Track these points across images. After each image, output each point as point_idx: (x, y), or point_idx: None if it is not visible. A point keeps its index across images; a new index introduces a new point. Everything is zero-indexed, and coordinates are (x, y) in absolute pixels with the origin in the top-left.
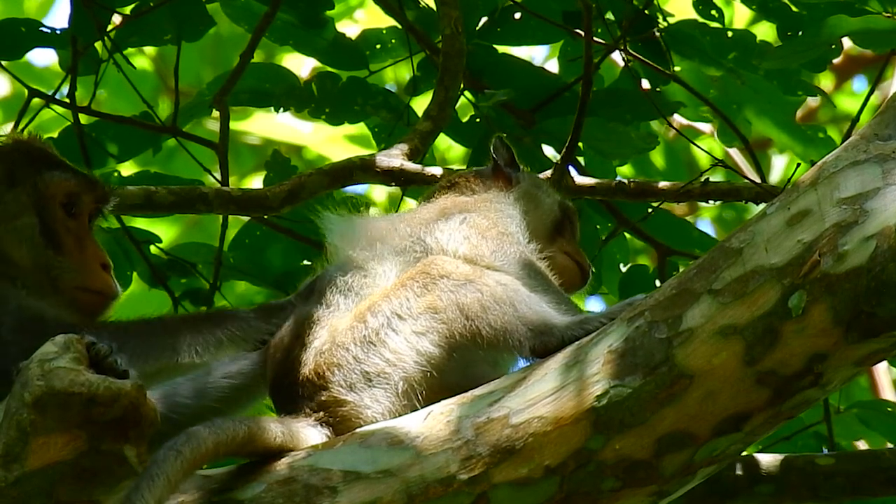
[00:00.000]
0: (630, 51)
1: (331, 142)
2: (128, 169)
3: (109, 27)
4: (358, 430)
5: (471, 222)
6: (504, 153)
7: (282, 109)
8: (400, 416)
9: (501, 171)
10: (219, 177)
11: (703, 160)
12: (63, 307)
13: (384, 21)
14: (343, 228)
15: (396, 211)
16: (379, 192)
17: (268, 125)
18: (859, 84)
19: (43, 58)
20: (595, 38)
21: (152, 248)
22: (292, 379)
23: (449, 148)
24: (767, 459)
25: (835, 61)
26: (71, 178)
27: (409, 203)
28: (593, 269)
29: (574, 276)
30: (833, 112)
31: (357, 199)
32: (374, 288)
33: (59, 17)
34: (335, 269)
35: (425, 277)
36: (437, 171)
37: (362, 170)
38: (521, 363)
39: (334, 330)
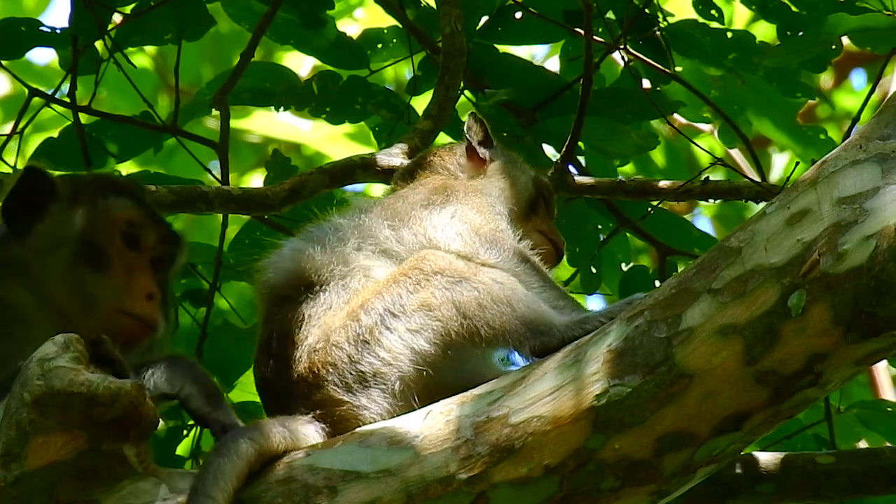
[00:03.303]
0: (630, 50)
1: (330, 140)
2: (128, 168)
3: (110, 26)
4: (357, 429)
5: (462, 217)
6: (478, 130)
7: (282, 108)
8: (397, 415)
9: (475, 151)
10: (219, 175)
11: (704, 158)
12: (97, 328)
13: (384, 20)
14: (327, 229)
15: None
16: (378, 191)
17: (267, 123)
18: (858, 79)
19: (43, 56)
20: (595, 38)
21: None
22: (286, 379)
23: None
24: (768, 458)
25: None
26: (134, 207)
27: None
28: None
29: (548, 254)
30: (832, 109)
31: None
32: (366, 285)
33: (56, 14)
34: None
35: (418, 273)
36: None
37: (363, 168)
38: (521, 362)
39: (328, 328)
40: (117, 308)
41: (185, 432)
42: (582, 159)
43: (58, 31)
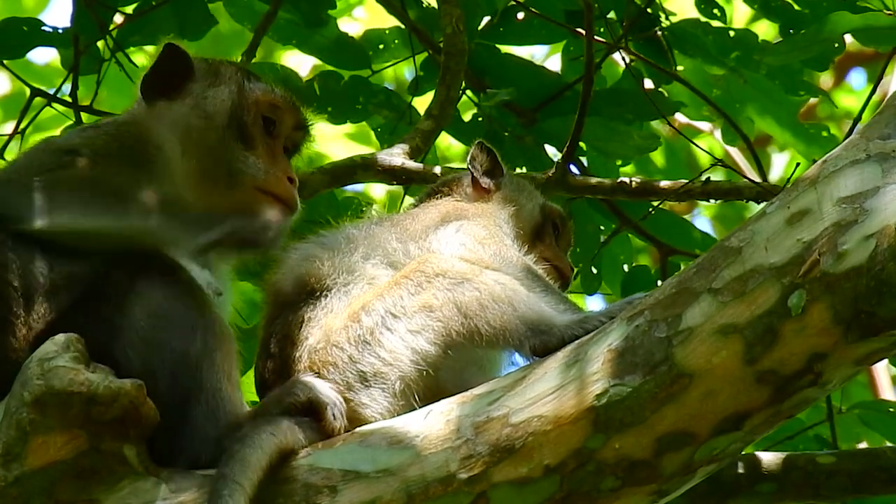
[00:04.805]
0: (632, 50)
1: (330, 139)
2: None
3: (111, 26)
4: (357, 429)
5: (467, 230)
6: (483, 160)
7: None
8: (398, 415)
9: (478, 182)
10: None
11: (704, 159)
12: (232, 208)
13: (385, 19)
14: (336, 238)
15: (398, 208)
16: (378, 190)
17: None
18: (857, 78)
19: (43, 56)
20: (597, 38)
21: None
22: (286, 379)
23: (449, 147)
24: (768, 458)
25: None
26: (276, 92)
27: (410, 201)
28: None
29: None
30: (832, 109)
31: (359, 199)
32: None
33: (55, 13)
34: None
35: (420, 276)
36: (438, 170)
37: (364, 168)
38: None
39: (328, 329)
40: (260, 187)
41: None
42: (584, 159)
43: (59, 31)
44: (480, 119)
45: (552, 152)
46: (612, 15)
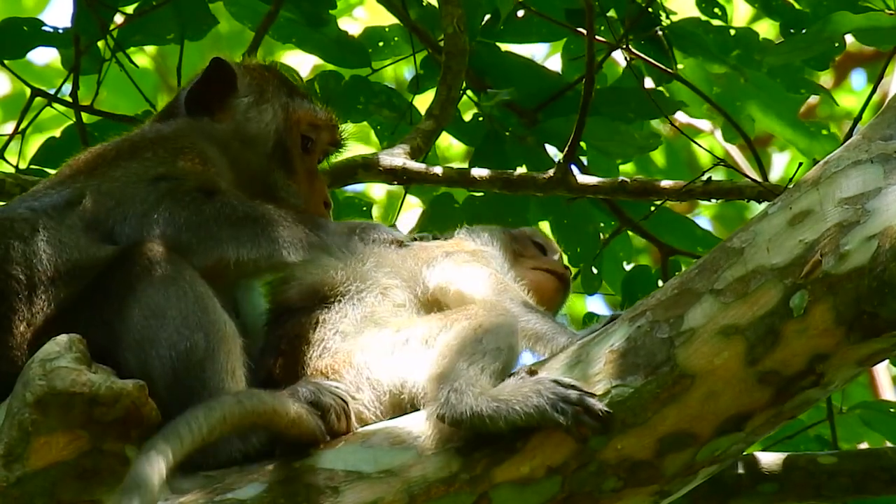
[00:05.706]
0: (632, 49)
1: None
2: None
3: (112, 26)
4: (360, 429)
5: (456, 258)
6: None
7: None
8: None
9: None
10: None
11: (704, 158)
12: None
13: (386, 19)
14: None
15: (398, 208)
16: (378, 191)
17: None
18: (857, 79)
19: (43, 56)
20: (598, 37)
21: None
22: (298, 376)
23: (449, 147)
24: (770, 458)
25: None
26: (318, 110)
27: (411, 201)
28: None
29: (550, 284)
30: (832, 109)
31: (359, 199)
32: (384, 305)
33: (55, 13)
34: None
35: (455, 316)
36: (438, 170)
37: (365, 169)
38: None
39: (344, 334)
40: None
41: None
42: (584, 159)
43: (60, 31)
44: (481, 119)
45: (553, 152)
46: (612, 13)
